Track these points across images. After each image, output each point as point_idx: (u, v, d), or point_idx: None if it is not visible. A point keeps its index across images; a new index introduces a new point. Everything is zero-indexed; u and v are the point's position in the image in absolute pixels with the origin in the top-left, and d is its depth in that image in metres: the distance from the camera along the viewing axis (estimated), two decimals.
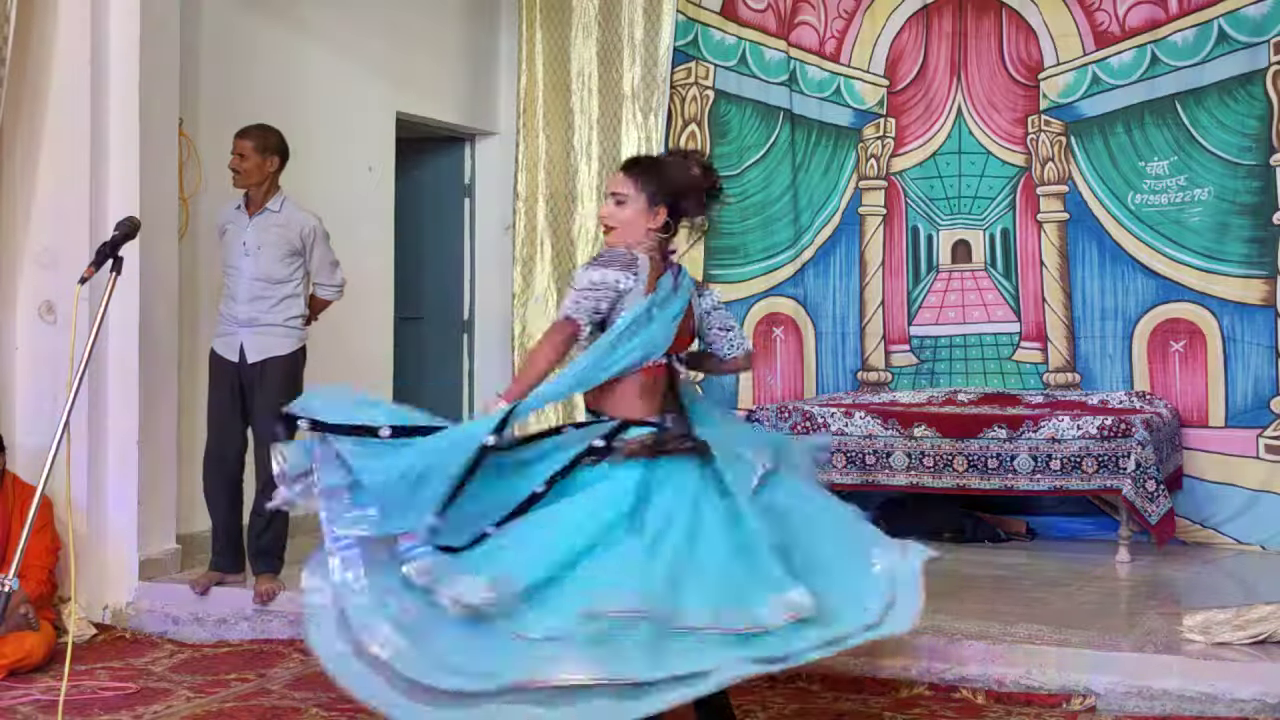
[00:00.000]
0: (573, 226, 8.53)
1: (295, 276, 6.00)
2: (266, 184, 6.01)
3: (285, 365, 5.94)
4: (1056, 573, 6.52)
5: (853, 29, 8.15)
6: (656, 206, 3.81)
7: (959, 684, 4.91)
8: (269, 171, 6.01)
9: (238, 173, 6.00)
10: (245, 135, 6.03)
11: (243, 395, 5.96)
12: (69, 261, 5.91)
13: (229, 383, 5.97)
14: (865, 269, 8.09)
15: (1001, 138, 7.85)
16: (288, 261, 5.97)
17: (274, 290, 5.94)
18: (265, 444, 5.90)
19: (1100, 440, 6.63)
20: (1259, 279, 7.26)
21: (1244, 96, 7.29)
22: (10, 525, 5.52)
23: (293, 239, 5.96)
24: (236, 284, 5.95)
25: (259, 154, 5.99)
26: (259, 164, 5.98)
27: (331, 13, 7.74)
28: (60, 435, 3.58)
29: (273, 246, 5.94)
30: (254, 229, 5.97)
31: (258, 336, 5.93)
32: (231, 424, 6.00)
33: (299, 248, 5.99)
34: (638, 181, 3.84)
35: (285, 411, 3.59)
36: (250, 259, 5.93)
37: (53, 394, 5.97)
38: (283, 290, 5.97)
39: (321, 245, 6.06)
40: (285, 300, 5.97)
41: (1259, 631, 4.93)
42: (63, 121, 6.14)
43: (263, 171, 5.99)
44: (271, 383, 5.87)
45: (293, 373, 5.96)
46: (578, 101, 8.57)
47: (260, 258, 5.93)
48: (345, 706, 4.83)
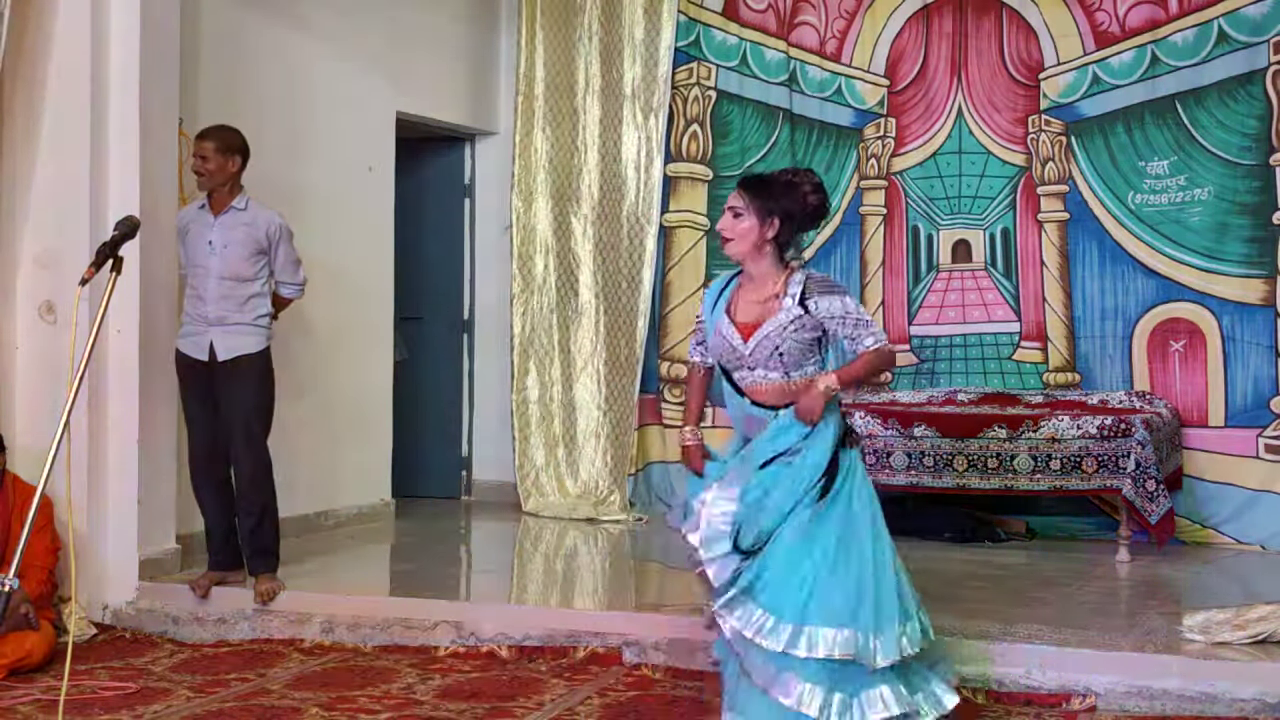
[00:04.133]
0: (572, 226, 8.53)
1: (261, 275, 6.04)
2: (230, 184, 6.04)
3: (256, 362, 5.99)
4: (1056, 573, 6.52)
5: (853, 29, 8.15)
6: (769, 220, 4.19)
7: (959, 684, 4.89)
8: (231, 171, 6.03)
9: (200, 175, 6.02)
10: (206, 136, 6.05)
11: (214, 394, 5.98)
12: (69, 261, 5.91)
13: (201, 383, 6.00)
14: (866, 268, 8.09)
15: (1002, 138, 7.85)
16: (254, 260, 6.00)
17: (241, 289, 5.97)
18: (241, 442, 5.96)
19: (1100, 440, 6.63)
20: (1259, 279, 7.26)
21: (1244, 96, 7.29)
22: (10, 525, 5.52)
23: (259, 237, 5.99)
24: (204, 283, 5.97)
25: (221, 155, 6.01)
26: (221, 164, 6.01)
27: (331, 13, 7.74)
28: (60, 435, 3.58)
29: (239, 245, 5.97)
30: (220, 228, 5.99)
31: (227, 335, 5.96)
32: (210, 424, 6.02)
33: (264, 246, 6.02)
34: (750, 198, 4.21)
35: None
36: (217, 258, 5.95)
37: (53, 394, 5.97)
38: (250, 289, 5.99)
39: (285, 244, 6.08)
40: (253, 299, 6.00)
41: (1259, 631, 4.93)
42: (62, 122, 6.14)
43: (225, 172, 6.01)
44: (244, 380, 5.93)
45: (264, 370, 6.03)
46: (578, 101, 8.56)
47: (227, 256, 5.95)
48: (345, 706, 4.84)
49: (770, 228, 4.17)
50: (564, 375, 8.50)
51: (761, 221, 4.17)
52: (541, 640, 5.51)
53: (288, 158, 7.22)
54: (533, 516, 8.27)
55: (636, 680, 5.13)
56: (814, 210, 4.23)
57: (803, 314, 4.15)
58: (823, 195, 4.25)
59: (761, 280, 4.22)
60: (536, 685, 5.07)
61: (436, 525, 8.19)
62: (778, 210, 4.17)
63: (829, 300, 4.16)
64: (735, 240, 4.21)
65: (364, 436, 8.00)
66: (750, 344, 4.19)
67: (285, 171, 7.09)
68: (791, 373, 4.19)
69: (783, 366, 4.18)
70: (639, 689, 5.02)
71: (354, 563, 7.06)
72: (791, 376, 4.20)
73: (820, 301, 4.15)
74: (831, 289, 4.20)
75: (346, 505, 7.87)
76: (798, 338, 4.16)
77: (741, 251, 4.21)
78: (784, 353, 4.16)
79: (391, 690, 5.04)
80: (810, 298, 4.16)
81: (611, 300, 8.39)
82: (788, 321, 4.15)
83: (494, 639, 5.56)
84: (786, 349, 4.16)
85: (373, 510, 8.04)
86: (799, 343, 4.17)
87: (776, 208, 4.17)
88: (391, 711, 4.77)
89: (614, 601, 6.38)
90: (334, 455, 7.69)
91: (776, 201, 4.18)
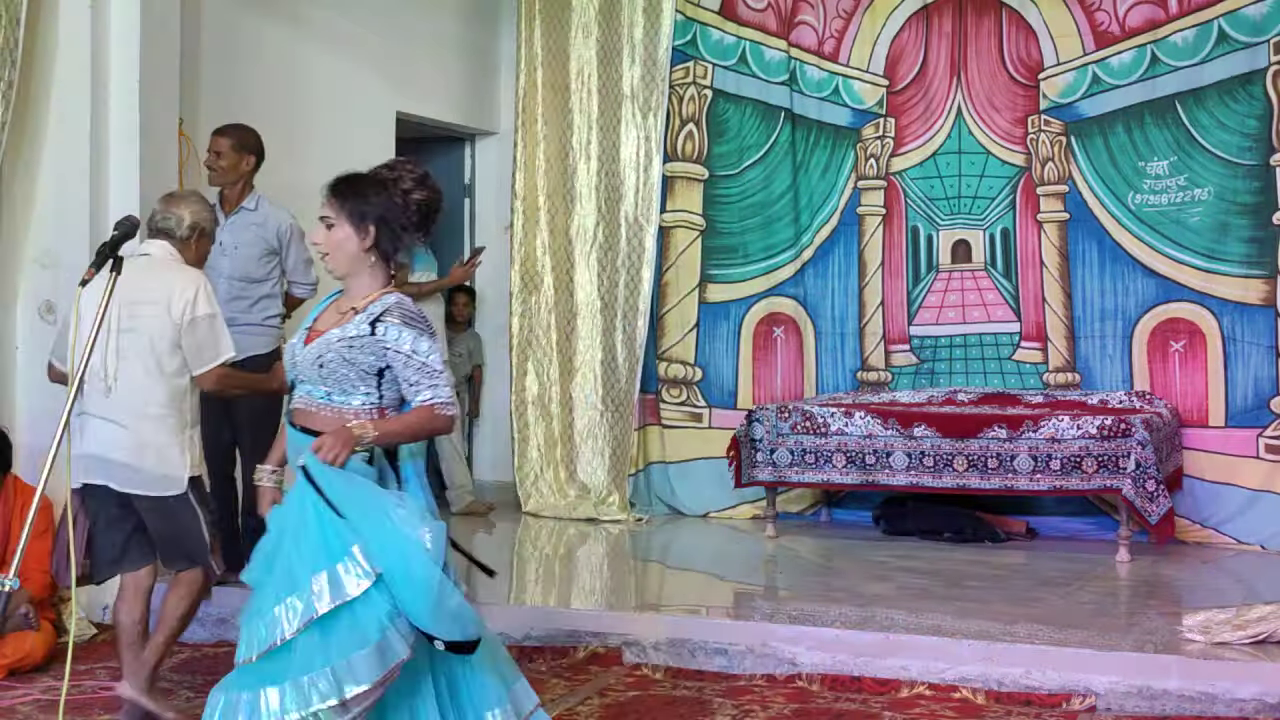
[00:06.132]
0: (571, 226, 8.53)
1: (272, 275, 6.02)
2: (242, 183, 6.03)
3: (265, 364, 5.95)
4: (1056, 573, 6.52)
5: (852, 28, 8.15)
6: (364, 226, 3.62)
7: (959, 684, 4.90)
8: (245, 170, 6.02)
9: (213, 170, 6.01)
10: (222, 133, 6.05)
11: (221, 394, 5.96)
12: (69, 261, 5.91)
13: None
14: (865, 269, 8.09)
15: (1001, 138, 7.85)
16: (265, 261, 5.99)
17: (252, 290, 5.96)
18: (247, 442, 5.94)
19: (1100, 440, 6.63)
20: (1259, 279, 7.26)
21: (1244, 96, 7.29)
22: (11, 526, 5.52)
23: (269, 238, 5.99)
24: (214, 283, 5.93)
25: (236, 152, 6.00)
26: (235, 162, 6.00)
27: (332, 13, 7.74)
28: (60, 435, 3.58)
29: (250, 246, 5.96)
30: (231, 229, 5.98)
31: (237, 335, 5.92)
32: (215, 423, 6.00)
33: (275, 247, 6.01)
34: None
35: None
36: (227, 259, 5.94)
37: (53, 394, 5.95)
38: (260, 289, 5.98)
39: (297, 244, 6.07)
40: (263, 300, 5.99)
41: (1259, 631, 4.93)
42: (63, 121, 6.14)
43: (238, 170, 6.01)
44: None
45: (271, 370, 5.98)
46: (577, 101, 8.56)
47: (238, 257, 5.94)
48: None
49: (366, 235, 3.60)
50: (563, 375, 8.50)
51: (356, 229, 3.60)
52: (541, 640, 5.51)
53: (288, 158, 7.20)
54: (533, 516, 8.27)
55: (636, 680, 5.13)
56: (419, 208, 3.69)
57: (368, 335, 3.52)
58: (429, 190, 3.72)
59: (355, 295, 3.63)
60: (536, 685, 5.02)
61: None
62: (372, 214, 3.61)
63: (401, 332, 3.52)
64: (331, 254, 3.61)
65: None
66: (308, 350, 3.58)
67: (285, 171, 7.07)
68: (335, 396, 3.56)
69: (324, 383, 3.55)
70: (639, 689, 5.02)
71: None
72: (334, 401, 3.57)
73: (391, 330, 3.51)
74: (413, 323, 3.55)
75: None
76: (350, 356, 3.52)
77: (339, 265, 3.62)
78: (324, 364, 3.53)
79: None
80: (383, 322, 3.53)
81: (610, 300, 8.39)
82: (347, 336, 3.52)
83: None
84: (329, 362, 3.52)
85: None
86: (349, 362, 3.52)
87: (371, 211, 3.61)
88: None
89: (614, 601, 6.39)
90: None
91: (370, 203, 3.62)
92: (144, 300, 4.52)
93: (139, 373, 4.54)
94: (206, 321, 4.59)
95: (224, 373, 4.66)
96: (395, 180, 3.70)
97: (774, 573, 6.94)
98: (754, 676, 5.12)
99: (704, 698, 4.91)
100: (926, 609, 5.64)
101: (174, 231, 4.73)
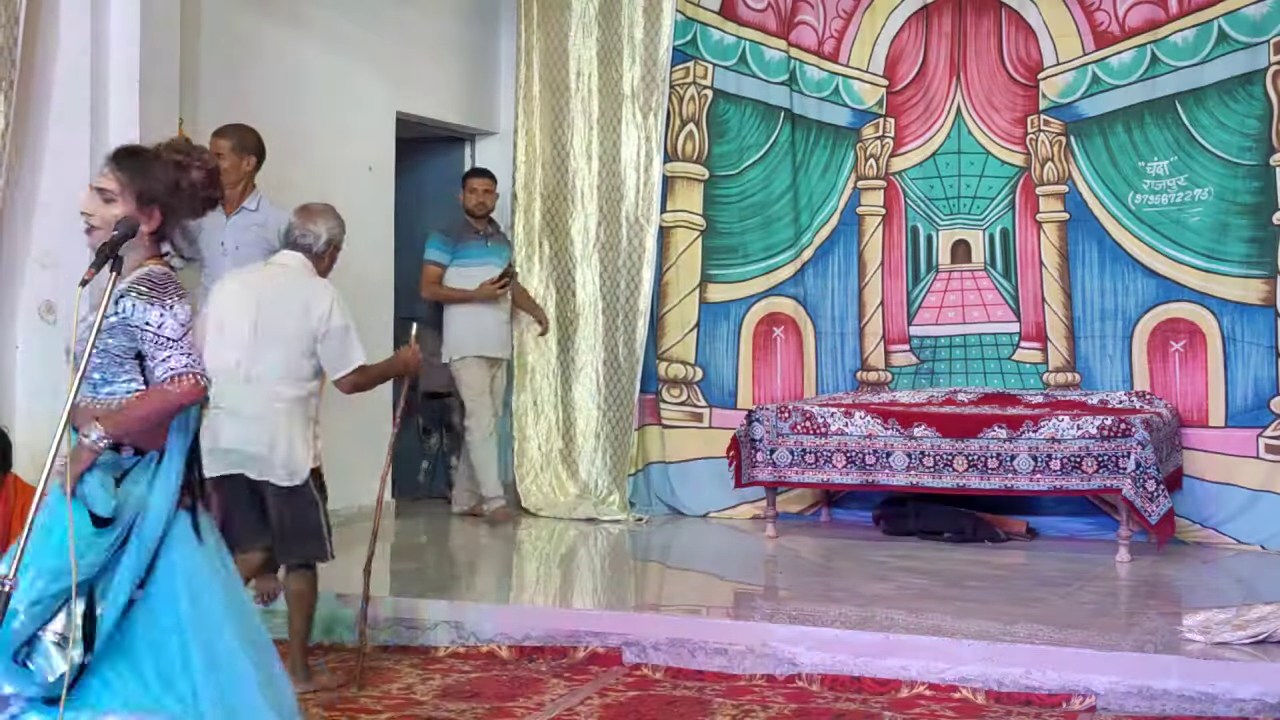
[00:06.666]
0: (571, 226, 8.53)
1: None
2: (243, 184, 6.03)
3: None
4: (1056, 573, 6.52)
5: (852, 28, 8.15)
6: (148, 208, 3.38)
7: (959, 684, 4.90)
8: (246, 171, 6.03)
9: None
10: (222, 134, 6.05)
11: None
12: (69, 262, 5.90)
13: None
14: (864, 269, 8.09)
15: (1001, 138, 7.85)
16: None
17: None
18: None
19: (1100, 440, 6.63)
20: (1259, 279, 7.26)
21: (1244, 96, 7.29)
22: (11, 526, 5.52)
23: (271, 238, 5.98)
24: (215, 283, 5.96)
25: (236, 153, 6.01)
26: (236, 163, 6.01)
27: (332, 12, 7.74)
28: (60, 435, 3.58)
29: (251, 246, 5.96)
30: (232, 229, 5.98)
31: None
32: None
33: (276, 247, 6.00)
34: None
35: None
36: (229, 259, 5.95)
37: (53, 393, 5.96)
38: None
39: None
40: None
41: (1259, 631, 4.93)
42: (63, 121, 6.13)
43: (240, 171, 6.01)
44: None
45: None
46: (577, 101, 8.56)
47: (239, 258, 5.95)
48: (346, 706, 4.83)
49: (150, 219, 3.35)
50: (563, 375, 8.50)
51: (139, 209, 3.34)
52: (541, 640, 5.51)
53: (288, 158, 7.20)
54: (533, 516, 8.27)
55: (636, 680, 5.13)
56: (203, 200, 3.47)
57: (115, 315, 3.28)
58: (212, 185, 3.48)
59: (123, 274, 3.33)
60: (537, 685, 5.06)
61: (436, 525, 8.19)
62: (160, 197, 3.36)
63: (144, 307, 3.27)
64: (101, 229, 3.32)
65: (364, 436, 7.99)
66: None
67: (285, 171, 7.08)
68: (100, 388, 3.33)
69: (89, 373, 3.29)
70: (639, 689, 5.02)
71: (353, 562, 7.05)
72: (99, 395, 3.33)
73: (134, 304, 3.27)
74: (158, 294, 3.29)
75: (346, 505, 7.85)
76: (100, 342, 3.26)
77: (102, 241, 3.30)
78: (80, 345, 3.23)
79: (392, 690, 5.04)
80: (127, 297, 3.29)
81: (611, 300, 8.39)
82: (98, 317, 3.24)
83: (494, 639, 5.56)
84: (82, 345, 3.23)
85: (372, 510, 8.01)
86: (101, 348, 3.28)
87: (160, 193, 3.35)
88: (392, 711, 4.77)
89: (614, 601, 6.38)
90: (334, 454, 7.65)
91: (160, 185, 3.36)
92: (284, 308, 4.90)
93: (275, 373, 4.88)
94: (341, 332, 4.92)
95: (357, 376, 5.01)
96: (184, 167, 3.44)
97: (774, 573, 6.94)
98: (754, 676, 5.12)
99: (704, 698, 4.91)
100: (926, 609, 5.64)
101: (312, 247, 5.06)
